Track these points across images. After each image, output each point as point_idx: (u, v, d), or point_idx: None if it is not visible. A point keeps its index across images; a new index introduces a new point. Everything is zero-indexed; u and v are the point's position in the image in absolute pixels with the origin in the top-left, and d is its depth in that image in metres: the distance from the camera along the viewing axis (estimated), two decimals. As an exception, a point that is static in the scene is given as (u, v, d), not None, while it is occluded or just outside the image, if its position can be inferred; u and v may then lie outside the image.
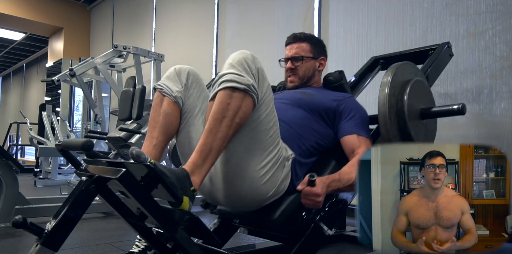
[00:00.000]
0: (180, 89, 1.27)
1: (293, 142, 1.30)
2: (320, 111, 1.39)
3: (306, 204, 1.14)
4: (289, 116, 1.35)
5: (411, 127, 1.31)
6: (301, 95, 1.45)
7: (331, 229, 1.24)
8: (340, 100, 1.42)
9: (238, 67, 1.09)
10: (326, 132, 1.39)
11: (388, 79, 1.31)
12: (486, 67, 2.22)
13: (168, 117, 1.24)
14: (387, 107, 1.28)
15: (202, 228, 1.01)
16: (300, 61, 1.53)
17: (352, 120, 1.37)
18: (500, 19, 2.18)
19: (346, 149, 1.35)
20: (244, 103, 1.06)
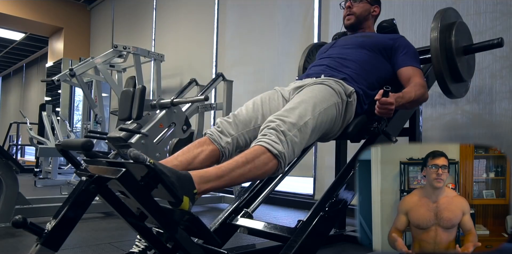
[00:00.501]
0: (230, 141, 1.34)
1: (361, 77, 1.56)
2: (380, 49, 1.67)
3: (380, 112, 1.33)
4: (357, 56, 1.62)
5: (458, 60, 1.61)
6: (363, 38, 1.72)
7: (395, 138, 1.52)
8: (395, 39, 1.69)
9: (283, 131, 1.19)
10: (386, 67, 1.66)
11: (438, 21, 1.58)
12: (486, 67, 2.22)
13: (201, 157, 1.28)
14: (439, 42, 1.55)
15: (202, 228, 1.01)
16: (358, 2, 1.78)
17: (406, 55, 1.64)
18: (500, 19, 2.18)
19: (403, 78, 1.61)
20: (271, 163, 1.15)
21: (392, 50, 1.67)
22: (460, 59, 1.65)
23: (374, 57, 1.65)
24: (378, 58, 1.65)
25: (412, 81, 1.55)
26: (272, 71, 3.59)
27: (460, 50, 1.66)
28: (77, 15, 7.63)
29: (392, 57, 1.67)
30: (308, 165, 3.22)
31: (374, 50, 1.66)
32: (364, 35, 1.75)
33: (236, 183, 1.12)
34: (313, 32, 3.27)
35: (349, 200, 1.34)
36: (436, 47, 1.55)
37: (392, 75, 1.67)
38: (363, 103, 1.53)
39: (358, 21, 1.79)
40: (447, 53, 1.60)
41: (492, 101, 2.19)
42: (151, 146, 2.37)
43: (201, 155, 1.27)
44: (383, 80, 1.63)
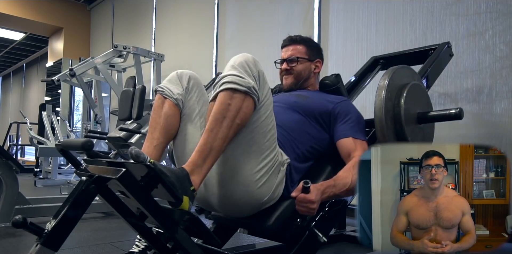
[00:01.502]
0: (181, 92, 1.28)
1: (288, 146, 1.30)
2: (315, 114, 1.38)
3: (300, 210, 1.13)
4: (284, 119, 1.34)
5: (408, 132, 1.31)
6: (296, 98, 1.44)
7: (327, 235, 1.23)
8: (336, 103, 1.41)
9: (239, 69, 1.10)
10: (321, 135, 1.38)
11: (385, 84, 1.30)
12: (486, 67, 2.22)
13: (169, 119, 1.25)
14: (384, 112, 1.28)
15: (202, 228, 1.01)
16: (295, 63, 1.53)
17: (347, 124, 1.37)
18: (500, 19, 2.18)
19: (342, 152, 1.34)
20: (245, 104, 1.06)
21: (330, 117, 1.39)
22: (413, 130, 1.37)
23: (306, 124, 1.37)
24: (311, 124, 1.37)
25: (352, 157, 1.29)
26: (272, 71, 3.58)
27: (413, 118, 1.37)
28: (77, 15, 7.63)
29: (330, 126, 1.39)
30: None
31: (308, 115, 1.38)
32: (300, 95, 1.46)
33: (224, 146, 1.06)
34: (313, 32, 3.27)
35: (349, 200, 1.34)
36: (381, 118, 1.28)
37: (329, 146, 1.39)
38: (290, 183, 1.25)
39: (298, 84, 1.54)
40: (395, 125, 1.32)
41: (492, 101, 2.19)
42: (151, 145, 2.37)
43: (170, 120, 1.24)
44: (317, 152, 1.37)
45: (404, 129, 1.30)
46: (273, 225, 1.18)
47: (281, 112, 1.36)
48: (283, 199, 1.21)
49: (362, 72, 2.03)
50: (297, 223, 1.18)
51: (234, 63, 1.12)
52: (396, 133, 1.31)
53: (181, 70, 1.36)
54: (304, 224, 1.19)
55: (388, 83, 1.31)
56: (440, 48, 1.84)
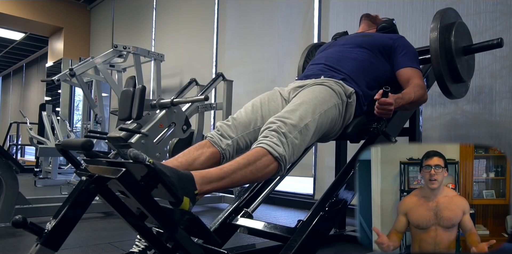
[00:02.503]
0: (230, 143, 1.34)
1: (360, 76, 1.56)
2: (380, 48, 1.67)
3: (379, 113, 1.32)
4: (355, 55, 1.63)
5: (457, 61, 1.61)
6: (362, 38, 1.74)
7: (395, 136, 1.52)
8: (395, 39, 1.69)
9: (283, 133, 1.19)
10: (385, 66, 1.66)
11: (437, 22, 1.58)
12: (486, 67, 2.22)
13: (202, 159, 1.28)
14: (438, 44, 1.55)
15: (202, 227, 1.01)
16: None
17: (405, 56, 1.64)
18: (500, 19, 2.18)
19: (402, 79, 1.61)
20: (272, 166, 1.16)
21: (391, 50, 1.67)
22: (460, 60, 1.65)
23: (374, 57, 1.64)
24: (377, 57, 1.65)
25: (411, 83, 1.54)
26: (272, 71, 3.59)
27: (460, 50, 1.65)
28: (77, 15, 7.63)
29: (391, 58, 1.67)
30: (308, 165, 3.22)
31: (373, 49, 1.66)
32: (364, 35, 1.77)
33: (237, 184, 1.12)
34: (313, 32, 3.27)
35: (349, 200, 1.34)
36: (436, 48, 1.55)
37: (391, 75, 1.66)
38: (362, 104, 1.52)
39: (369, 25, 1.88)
40: (446, 54, 1.59)
41: (492, 101, 2.19)
42: (151, 145, 2.37)
43: (202, 156, 1.28)
44: (382, 80, 1.63)
45: (454, 58, 1.60)
46: (352, 131, 1.48)
47: (352, 50, 1.65)
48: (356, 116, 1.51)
49: (362, 72, 2.04)
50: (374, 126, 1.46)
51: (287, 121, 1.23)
52: (447, 61, 1.60)
53: (230, 119, 1.42)
54: (379, 127, 1.46)
55: (441, 20, 1.58)
56: (440, 48, 1.85)
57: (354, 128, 1.49)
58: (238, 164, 1.11)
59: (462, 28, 1.70)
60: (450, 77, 1.64)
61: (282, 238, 1.27)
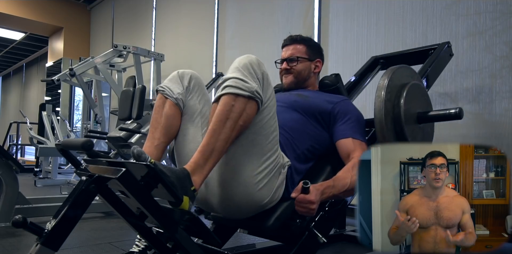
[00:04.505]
0: (181, 92, 1.29)
1: (288, 146, 1.30)
2: (315, 114, 1.38)
3: (300, 211, 1.13)
4: (284, 119, 1.33)
5: (408, 132, 1.31)
6: (296, 97, 1.44)
7: (327, 235, 1.23)
8: (336, 103, 1.40)
9: (243, 71, 1.10)
10: (322, 135, 1.38)
11: (384, 84, 1.29)
12: (486, 67, 2.22)
13: (169, 119, 1.26)
14: (384, 113, 1.27)
15: (202, 227, 1.01)
16: (295, 62, 1.53)
17: (347, 124, 1.36)
18: (500, 19, 2.18)
19: (341, 153, 1.33)
20: (248, 106, 1.07)
21: (330, 117, 1.38)
22: (413, 130, 1.36)
23: (306, 123, 1.37)
24: (311, 124, 1.38)
25: (352, 158, 1.29)
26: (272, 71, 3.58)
27: (413, 118, 1.36)
28: (77, 15, 7.63)
29: (330, 126, 1.38)
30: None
31: (308, 114, 1.38)
32: (300, 94, 1.47)
33: (227, 147, 1.07)
34: (313, 32, 3.27)
35: (349, 200, 1.34)
36: (381, 119, 1.27)
37: (329, 146, 1.38)
38: (290, 184, 1.25)
39: (298, 83, 1.54)
40: (395, 126, 1.30)
41: (492, 101, 2.19)
42: (151, 145, 2.37)
43: (170, 120, 1.25)
44: (317, 151, 1.37)
45: (404, 130, 1.29)
46: (273, 226, 1.18)
47: (281, 111, 1.34)
48: (283, 200, 1.21)
49: (362, 72, 2.03)
50: (297, 224, 1.18)
51: (238, 65, 1.12)
52: (396, 134, 1.31)
53: (183, 70, 1.36)
54: (304, 225, 1.19)
55: (388, 83, 1.29)
56: (440, 48, 1.84)
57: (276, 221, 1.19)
58: (213, 130, 1.05)
59: (417, 91, 1.40)
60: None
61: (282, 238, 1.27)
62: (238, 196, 1.14)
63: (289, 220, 1.19)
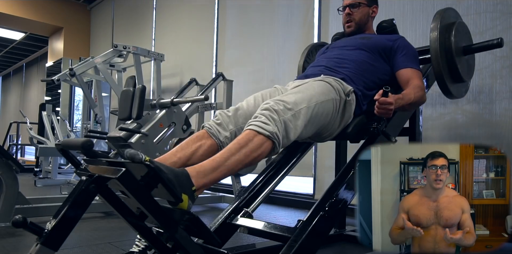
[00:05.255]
0: (228, 136, 1.33)
1: (359, 77, 1.55)
2: (379, 50, 1.66)
3: (379, 112, 1.31)
4: (355, 57, 1.62)
5: (457, 61, 1.60)
6: (361, 40, 1.71)
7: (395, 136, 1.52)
8: (395, 40, 1.68)
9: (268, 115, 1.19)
10: (385, 67, 1.65)
11: (437, 22, 1.57)
12: (486, 67, 2.22)
13: (200, 153, 1.27)
14: (438, 44, 1.55)
15: (202, 227, 1.01)
16: (357, 8, 1.77)
17: (406, 56, 1.63)
18: (500, 19, 2.18)
19: (402, 79, 1.60)
20: (265, 144, 1.16)
21: (391, 51, 1.66)
22: (460, 60, 1.64)
23: (373, 59, 1.64)
24: (377, 59, 1.65)
25: (411, 83, 1.54)
26: (272, 71, 3.58)
27: (460, 50, 1.65)
28: (77, 15, 7.63)
29: (391, 58, 1.66)
30: (308, 164, 3.22)
31: (373, 51, 1.65)
32: (363, 37, 1.74)
33: (234, 171, 1.11)
34: (313, 32, 3.27)
35: (349, 200, 1.34)
36: (436, 48, 1.55)
37: (391, 76, 1.66)
38: (361, 104, 1.52)
39: (359, 27, 1.79)
40: (446, 55, 1.59)
41: (492, 101, 2.19)
42: (151, 145, 2.37)
43: (200, 150, 1.27)
44: (382, 81, 1.62)
45: (454, 58, 1.59)
46: (352, 131, 1.49)
47: (352, 52, 1.64)
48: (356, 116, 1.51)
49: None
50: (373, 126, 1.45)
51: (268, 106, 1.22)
52: (448, 61, 1.59)
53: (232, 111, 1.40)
54: (380, 128, 1.45)
55: (440, 20, 1.58)
56: (440, 48, 1.85)
57: (354, 128, 1.49)
58: (229, 150, 1.10)
59: (462, 28, 1.70)
60: (450, 77, 1.64)
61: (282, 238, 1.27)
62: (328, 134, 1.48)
63: (365, 125, 1.49)
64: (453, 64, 1.60)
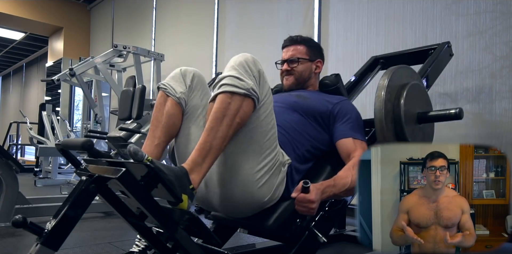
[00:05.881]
0: (184, 91, 1.28)
1: (288, 147, 1.30)
2: (315, 115, 1.39)
3: (300, 210, 1.13)
4: (284, 120, 1.34)
5: (408, 133, 1.31)
6: (296, 98, 1.44)
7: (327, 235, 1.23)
8: (335, 103, 1.41)
9: (239, 69, 1.10)
10: (321, 136, 1.38)
11: (384, 84, 1.29)
12: (486, 66, 2.22)
13: (171, 117, 1.25)
14: (384, 113, 1.27)
15: (202, 227, 1.01)
16: (296, 63, 1.53)
17: (347, 124, 1.37)
18: (500, 19, 2.18)
19: (342, 152, 1.34)
20: (244, 104, 1.07)
21: (330, 118, 1.39)
22: (413, 130, 1.36)
23: (306, 124, 1.37)
24: (311, 125, 1.38)
25: (352, 157, 1.29)
26: (272, 71, 3.58)
27: (413, 119, 1.37)
28: (77, 15, 7.63)
29: (330, 126, 1.39)
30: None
31: (308, 115, 1.38)
32: (299, 95, 1.46)
33: (224, 146, 1.07)
34: (313, 31, 3.27)
35: (349, 200, 1.34)
36: (381, 119, 1.28)
37: (329, 147, 1.39)
38: (290, 183, 1.25)
39: (298, 83, 1.54)
40: (395, 126, 1.31)
41: (492, 101, 2.19)
42: (151, 145, 2.37)
43: (172, 119, 1.24)
44: (317, 151, 1.37)
45: (404, 130, 1.29)
46: (273, 225, 1.17)
47: (281, 112, 1.35)
48: (283, 200, 1.21)
49: (362, 72, 2.03)
50: (297, 223, 1.18)
51: (234, 63, 1.12)
52: (396, 134, 1.31)
53: (185, 67, 1.34)
54: (304, 224, 1.19)
55: (388, 84, 1.30)
56: (440, 48, 1.84)
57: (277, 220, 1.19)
58: (210, 128, 1.05)
59: (417, 91, 1.40)
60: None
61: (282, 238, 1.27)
62: (237, 194, 1.14)
63: (289, 219, 1.19)
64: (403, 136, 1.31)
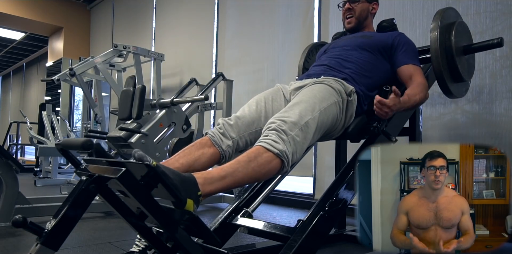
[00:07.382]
0: (231, 145, 1.33)
1: (361, 78, 1.56)
2: (380, 49, 1.66)
3: (378, 113, 1.34)
4: (356, 57, 1.62)
5: (457, 60, 1.61)
6: (362, 39, 1.71)
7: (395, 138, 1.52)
8: (395, 37, 1.69)
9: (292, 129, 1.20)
10: (386, 67, 1.66)
11: (437, 22, 1.58)
12: (486, 66, 2.22)
13: (203, 160, 1.28)
14: (438, 44, 1.56)
15: (202, 227, 1.01)
16: (357, 3, 1.78)
17: (406, 53, 1.65)
18: (500, 19, 2.18)
19: (403, 76, 1.62)
20: (274, 162, 1.15)
21: (391, 49, 1.67)
22: (460, 60, 1.65)
23: (374, 58, 1.65)
24: (377, 58, 1.65)
25: (414, 81, 1.56)
26: (272, 71, 3.58)
27: (460, 50, 1.66)
28: (77, 15, 7.62)
29: (391, 56, 1.67)
30: (308, 164, 3.22)
31: (374, 50, 1.66)
32: (364, 36, 1.74)
33: (240, 183, 1.11)
34: (313, 32, 3.27)
35: (349, 200, 1.34)
36: (436, 48, 1.56)
37: (392, 75, 1.67)
38: (363, 104, 1.54)
39: (359, 23, 1.80)
40: (447, 54, 1.60)
41: (492, 101, 2.19)
42: (151, 145, 2.37)
43: (202, 157, 1.27)
44: (383, 80, 1.63)
45: (454, 58, 1.60)
46: (353, 130, 1.50)
47: (353, 52, 1.65)
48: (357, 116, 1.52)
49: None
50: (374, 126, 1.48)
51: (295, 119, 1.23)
52: (448, 61, 1.60)
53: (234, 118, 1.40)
54: (380, 127, 1.48)
55: (441, 20, 1.59)
56: (440, 47, 1.85)
57: (355, 127, 1.50)
58: (238, 162, 1.11)
59: (462, 27, 1.71)
60: (451, 77, 1.64)
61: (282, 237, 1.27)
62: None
63: (366, 125, 1.52)
64: (454, 64, 1.61)
